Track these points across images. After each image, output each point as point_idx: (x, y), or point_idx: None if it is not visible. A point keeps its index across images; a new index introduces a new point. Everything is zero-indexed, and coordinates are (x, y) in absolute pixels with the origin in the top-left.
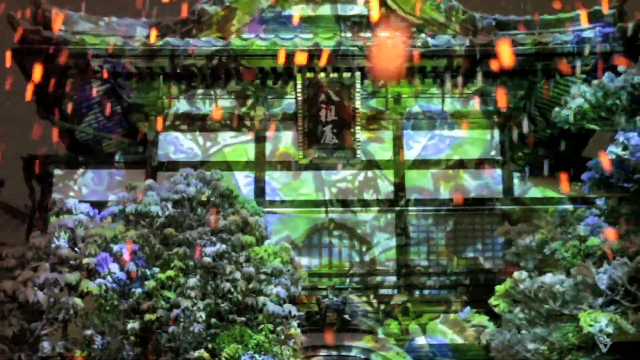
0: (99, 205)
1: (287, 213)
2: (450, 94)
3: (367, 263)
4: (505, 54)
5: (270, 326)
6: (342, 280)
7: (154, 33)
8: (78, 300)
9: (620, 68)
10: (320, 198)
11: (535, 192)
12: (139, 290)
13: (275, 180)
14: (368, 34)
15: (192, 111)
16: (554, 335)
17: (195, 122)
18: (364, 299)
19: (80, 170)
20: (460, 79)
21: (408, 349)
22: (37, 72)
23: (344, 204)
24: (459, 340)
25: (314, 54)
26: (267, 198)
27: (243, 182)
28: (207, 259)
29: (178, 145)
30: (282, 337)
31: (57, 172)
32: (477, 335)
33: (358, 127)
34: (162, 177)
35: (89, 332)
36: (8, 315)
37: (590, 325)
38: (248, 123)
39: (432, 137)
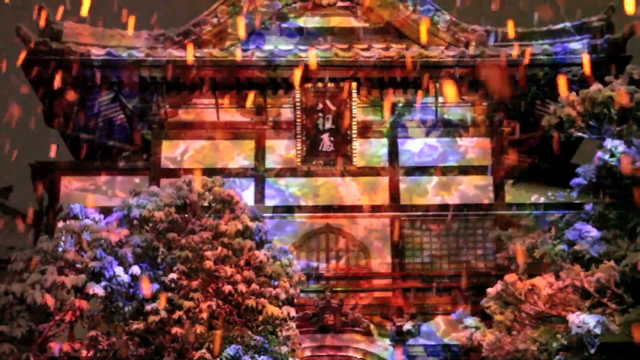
0: (105, 210)
1: (286, 218)
2: (443, 102)
3: (363, 266)
4: (496, 65)
5: (270, 327)
6: (339, 283)
7: (156, 44)
8: (84, 303)
9: (608, 78)
10: (318, 203)
11: (525, 197)
12: (143, 293)
13: (275, 186)
14: (364, 45)
15: (195, 120)
16: (544, 336)
17: (198, 130)
18: (360, 300)
19: (86, 177)
20: (453, 89)
21: (402, 349)
22: (45, 82)
23: (341, 209)
24: (452, 340)
25: (311, 64)
26: (267, 203)
27: (244, 188)
28: (209, 263)
29: (181, 152)
30: (281, 337)
31: (64, 178)
32: (469, 335)
33: (354, 135)
34: (166, 183)
35: (94, 333)
36: (16, 316)
37: (579, 327)
38: (248, 131)
39: (425, 145)
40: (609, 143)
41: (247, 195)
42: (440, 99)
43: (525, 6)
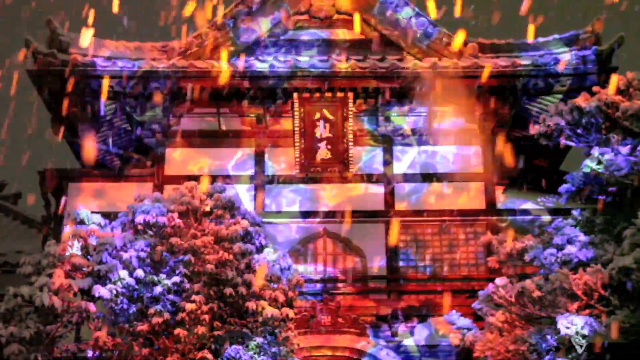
0: (110, 215)
1: (285, 223)
2: (436, 112)
3: (359, 269)
4: (488, 75)
5: (269, 328)
6: (336, 286)
7: (160, 56)
8: (90, 305)
9: (595, 88)
10: (315, 209)
11: (515, 203)
12: (147, 295)
13: (274, 192)
14: (361, 56)
15: (197, 128)
16: (533, 337)
17: (200, 139)
18: (357, 303)
19: (93, 184)
20: (446, 98)
21: (397, 350)
22: (52, 92)
23: (338, 214)
24: (445, 341)
25: (309, 75)
26: (266, 209)
27: (244, 194)
28: (210, 266)
29: (183, 160)
30: (280, 338)
31: (71, 185)
32: (462, 336)
33: (350, 143)
34: (169, 189)
35: (100, 334)
36: (25, 318)
37: (567, 328)
38: (248, 139)
39: (419, 152)
40: (596, 151)
41: (247, 201)
42: (434, 108)
43: (516, 18)
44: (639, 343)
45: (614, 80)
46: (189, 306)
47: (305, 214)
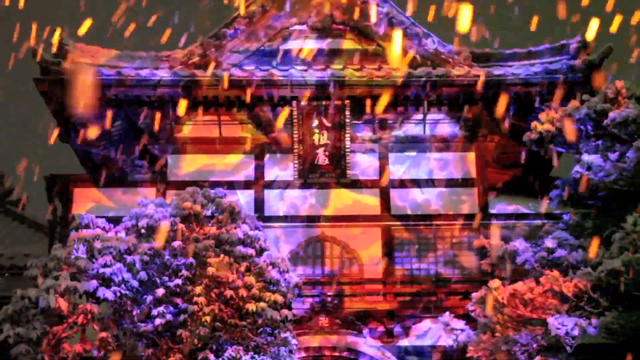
0: (114, 220)
1: (284, 227)
2: (431, 119)
3: (356, 272)
4: (481, 84)
5: (269, 329)
6: (334, 288)
7: (163, 64)
8: (95, 306)
9: (585, 96)
10: (313, 214)
11: (507, 208)
12: (150, 297)
13: (273, 197)
14: (357, 65)
15: (198, 135)
16: (525, 338)
17: (202, 145)
18: (353, 304)
19: (97, 189)
20: (440, 107)
21: (393, 350)
22: (57, 100)
23: (335, 219)
24: (439, 342)
25: (307, 84)
26: (266, 214)
27: (244, 199)
28: (212, 269)
29: (185, 166)
30: (280, 339)
31: (77, 190)
32: (455, 337)
33: (348, 150)
34: (171, 194)
35: (105, 335)
36: (32, 319)
37: (558, 329)
38: (249, 146)
39: (415, 159)
40: (585, 157)
41: (247, 205)
42: (428, 116)
43: (509, 28)
44: (627, 344)
45: (603, 88)
46: (191, 308)
47: (304, 219)
